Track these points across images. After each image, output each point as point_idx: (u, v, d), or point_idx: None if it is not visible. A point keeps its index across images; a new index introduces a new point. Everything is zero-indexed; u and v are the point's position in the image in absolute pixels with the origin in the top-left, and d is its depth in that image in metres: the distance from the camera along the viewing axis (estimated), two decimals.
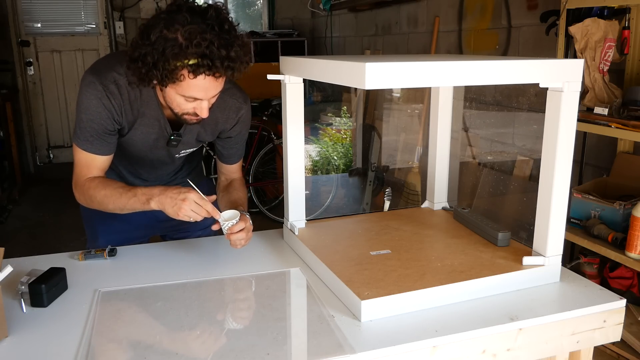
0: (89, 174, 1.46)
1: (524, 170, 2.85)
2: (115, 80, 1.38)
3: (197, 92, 1.30)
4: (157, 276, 1.37)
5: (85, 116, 1.40)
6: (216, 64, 1.23)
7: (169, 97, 1.35)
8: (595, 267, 2.30)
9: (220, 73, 1.27)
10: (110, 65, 1.40)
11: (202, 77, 1.26)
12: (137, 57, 1.26)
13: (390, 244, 1.44)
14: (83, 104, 1.40)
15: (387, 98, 4.23)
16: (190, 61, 1.22)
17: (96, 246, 1.60)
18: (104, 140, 1.43)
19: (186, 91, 1.29)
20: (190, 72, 1.24)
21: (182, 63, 1.23)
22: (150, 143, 1.51)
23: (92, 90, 1.38)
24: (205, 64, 1.23)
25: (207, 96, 1.33)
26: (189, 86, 1.28)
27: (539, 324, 1.17)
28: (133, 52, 1.27)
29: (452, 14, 3.53)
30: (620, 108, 2.10)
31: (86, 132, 1.41)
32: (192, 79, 1.25)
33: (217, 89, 1.33)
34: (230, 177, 1.71)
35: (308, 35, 6.13)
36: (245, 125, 1.61)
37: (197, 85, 1.28)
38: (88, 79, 1.39)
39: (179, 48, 1.21)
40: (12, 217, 4.44)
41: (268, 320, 1.16)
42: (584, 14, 2.24)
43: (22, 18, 5.54)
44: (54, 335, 1.11)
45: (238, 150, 1.67)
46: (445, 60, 1.12)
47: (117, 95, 1.39)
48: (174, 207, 1.33)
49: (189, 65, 1.23)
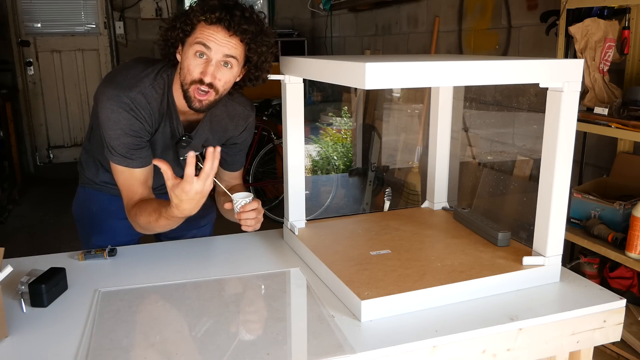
0: (135, 194, 1.43)
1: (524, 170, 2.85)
2: (141, 90, 1.39)
3: (208, 38, 1.33)
4: (157, 276, 1.37)
5: (115, 132, 1.38)
6: (234, 16, 1.31)
7: (183, 61, 1.37)
8: (595, 267, 2.30)
9: (234, 30, 1.32)
10: (131, 75, 1.40)
11: (216, 26, 1.32)
12: (167, 28, 1.38)
13: (390, 244, 1.44)
14: (110, 119, 1.37)
15: (387, 98, 4.22)
16: (209, 12, 1.31)
17: (89, 246, 1.59)
18: (139, 152, 1.41)
19: (199, 36, 1.33)
20: (207, 19, 1.32)
21: (201, 10, 1.32)
22: (162, 146, 1.51)
23: (118, 103, 1.36)
24: (222, 14, 1.31)
25: (217, 50, 1.34)
26: (202, 32, 1.33)
27: (539, 324, 1.17)
28: (163, 35, 1.40)
29: (452, 14, 3.53)
30: (620, 108, 2.10)
31: (120, 148, 1.39)
32: (208, 25, 1.32)
33: (228, 49, 1.34)
34: (231, 183, 1.72)
35: (308, 35, 6.13)
36: (250, 133, 1.64)
37: (210, 32, 1.32)
38: (110, 93, 1.37)
39: (198, 5, 1.32)
40: (12, 217, 4.44)
41: (268, 320, 1.16)
42: (584, 14, 2.24)
43: (22, 18, 5.54)
44: (54, 335, 1.11)
45: (241, 158, 1.69)
46: (445, 60, 1.12)
47: (145, 105, 1.39)
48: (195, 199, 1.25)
49: (207, 14, 1.31)
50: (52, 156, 5.93)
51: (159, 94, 1.43)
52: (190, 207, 1.26)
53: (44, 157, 5.91)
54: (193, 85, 1.36)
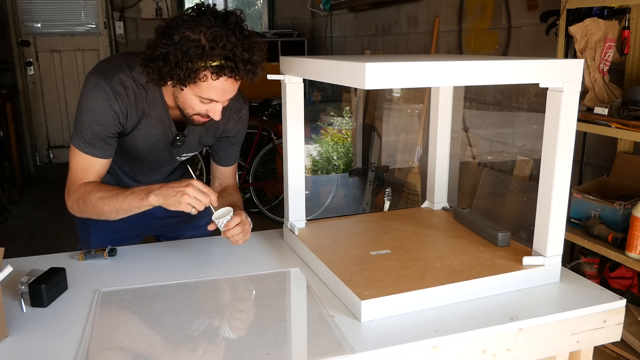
0: (85, 179, 1.42)
1: (524, 170, 2.85)
2: (122, 81, 1.38)
3: (215, 93, 1.31)
4: (157, 276, 1.37)
5: (88, 117, 1.38)
6: (239, 67, 1.26)
7: (183, 98, 1.36)
8: (595, 267, 2.29)
9: (242, 76, 1.29)
10: (116, 66, 1.39)
11: (223, 79, 1.28)
12: (158, 56, 1.27)
13: (390, 244, 1.44)
14: (87, 105, 1.38)
15: (387, 98, 4.22)
16: (214, 62, 1.25)
17: (89, 246, 1.59)
18: (105, 143, 1.41)
19: (204, 92, 1.31)
20: (213, 73, 1.26)
21: (205, 64, 1.25)
22: (151, 144, 1.50)
23: (98, 92, 1.36)
24: (229, 66, 1.25)
25: (224, 98, 1.35)
26: (208, 87, 1.30)
27: (539, 324, 1.17)
28: (153, 51, 1.28)
29: (452, 14, 3.53)
30: (620, 108, 2.10)
31: (88, 134, 1.39)
32: (214, 80, 1.27)
33: (234, 92, 1.35)
34: (225, 182, 1.71)
35: (308, 35, 6.13)
36: (243, 127, 1.62)
37: (216, 86, 1.30)
38: (94, 81, 1.38)
39: (203, 49, 1.23)
40: (12, 217, 4.44)
41: (268, 320, 1.16)
42: (584, 14, 2.24)
43: (22, 18, 5.54)
44: (54, 335, 1.11)
45: (234, 152, 1.67)
46: (445, 60, 1.12)
47: (124, 97, 1.39)
48: (175, 195, 1.31)
49: (212, 66, 1.25)
50: (52, 156, 5.93)
51: (143, 89, 1.41)
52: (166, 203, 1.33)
53: (44, 157, 5.91)
54: (195, 115, 1.39)
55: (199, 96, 1.33)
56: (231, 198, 1.62)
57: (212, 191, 1.35)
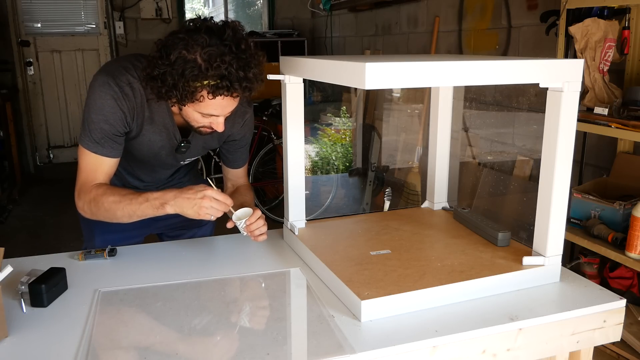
0: (95, 180, 1.43)
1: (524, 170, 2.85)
2: (130, 82, 1.39)
3: (215, 110, 1.34)
4: (157, 276, 1.37)
5: (97, 117, 1.38)
6: (235, 86, 1.28)
7: (186, 113, 1.39)
8: (595, 267, 2.29)
9: (238, 93, 1.31)
10: (124, 67, 1.40)
11: (220, 97, 1.30)
12: (156, 76, 1.28)
13: (390, 244, 1.44)
14: (96, 104, 1.38)
15: (387, 98, 4.23)
16: (210, 82, 1.26)
17: (92, 245, 1.59)
18: (114, 142, 1.42)
19: (204, 109, 1.34)
20: (210, 92, 1.28)
21: (201, 84, 1.27)
22: (155, 150, 1.51)
23: (107, 90, 1.37)
24: (224, 86, 1.27)
25: (224, 113, 1.37)
26: (207, 105, 1.32)
27: (539, 324, 1.17)
28: (152, 70, 1.29)
29: (452, 14, 3.53)
30: (620, 108, 2.10)
31: (97, 133, 1.39)
32: (211, 99, 1.30)
33: (234, 105, 1.37)
34: (237, 182, 1.72)
35: (308, 35, 6.13)
36: (249, 129, 1.64)
37: (215, 104, 1.32)
38: (102, 80, 1.38)
39: (199, 70, 1.24)
40: (12, 217, 4.44)
41: (268, 320, 1.16)
42: (584, 14, 2.24)
43: (22, 18, 5.54)
44: (54, 335, 1.11)
45: (242, 154, 1.69)
46: (445, 60, 1.12)
47: (131, 98, 1.39)
48: (193, 207, 1.33)
49: (208, 86, 1.27)
50: (52, 156, 5.93)
51: (148, 94, 1.41)
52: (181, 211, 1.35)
53: (44, 157, 5.91)
54: (200, 128, 1.42)
55: (199, 112, 1.35)
56: (243, 198, 1.63)
57: (226, 197, 1.37)
